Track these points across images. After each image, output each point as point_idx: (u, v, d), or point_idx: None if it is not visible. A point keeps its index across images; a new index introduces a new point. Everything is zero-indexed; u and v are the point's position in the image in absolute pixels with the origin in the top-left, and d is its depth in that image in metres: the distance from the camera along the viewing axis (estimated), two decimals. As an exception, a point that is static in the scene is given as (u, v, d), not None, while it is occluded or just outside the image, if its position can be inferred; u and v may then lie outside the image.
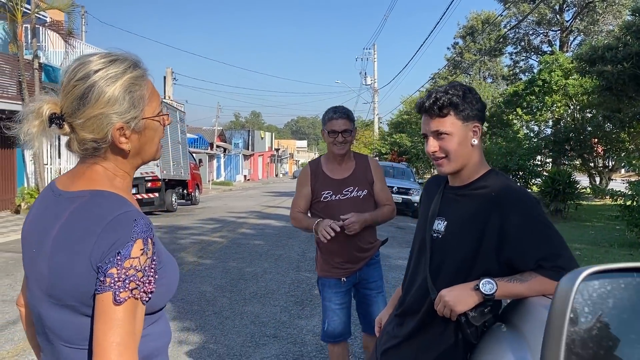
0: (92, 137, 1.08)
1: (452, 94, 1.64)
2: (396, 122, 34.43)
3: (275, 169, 63.67)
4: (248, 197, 23.37)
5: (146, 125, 1.15)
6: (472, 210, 1.63)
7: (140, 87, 1.13)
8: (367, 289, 3.03)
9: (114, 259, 0.99)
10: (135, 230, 1.02)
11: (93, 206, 1.06)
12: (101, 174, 1.13)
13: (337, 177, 2.96)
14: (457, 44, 41.06)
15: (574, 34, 31.17)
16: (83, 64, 1.10)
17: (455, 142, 1.64)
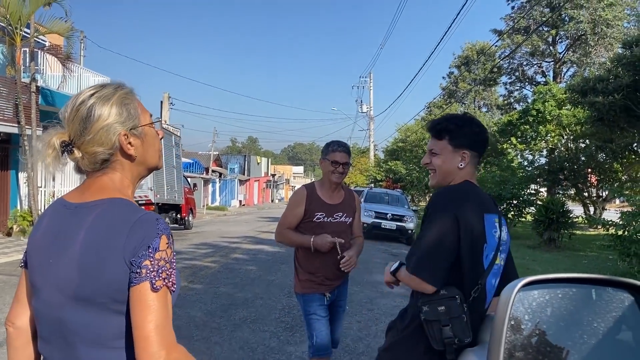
0: (103, 148, 1.24)
1: (451, 122, 1.99)
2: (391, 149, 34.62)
3: (271, 194, 63.64)
4: (242, 222, 23.31)
5: (146, 132, 1.33)
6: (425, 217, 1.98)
7: (132, 101, 1.31)
8: (338, 306, 3.31)
9: (146, 252, 1.14)
10: (159, 227, 1.18)
11: (116, 210, 1.20)
12: (110, 185, 1.27)
13: (331, 202, 3.23)
14: (452, 74, 41.64)
15: (567, 65, 31.71)
16: (78, 95, 1.28)
17: (441, 162, 2.00)
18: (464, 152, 1.97)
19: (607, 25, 27.39)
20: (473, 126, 2.00)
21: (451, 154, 1.98)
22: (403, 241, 16.14)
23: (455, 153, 1.98)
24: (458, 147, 1.97)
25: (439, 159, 2.01)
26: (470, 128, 1.99)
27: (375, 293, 7.69)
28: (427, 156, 2.06)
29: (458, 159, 1.98)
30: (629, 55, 13.96)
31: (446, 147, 1.99)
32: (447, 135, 1.99)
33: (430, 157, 2.04)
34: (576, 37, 29.52)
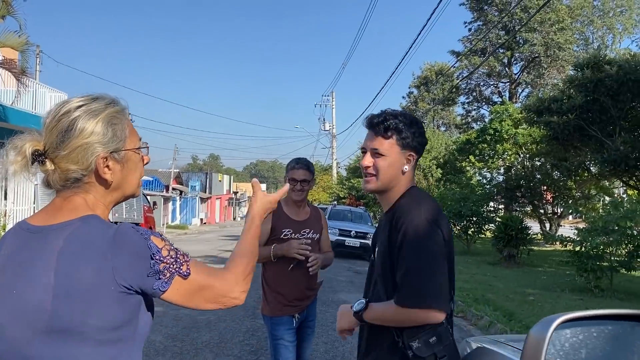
0: (77, 167, 1.14)
1: (400, 120, 1.76)
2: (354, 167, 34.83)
3: (233, 212, 62.86)
4: (204, 241, 22.86)
5: (128, 157, 1.22)
6: (386, 231, 1.74)
7: (121, 121, 1.21)
8: (307, 327, 3.26)
9: (154, 260, 1.09)
10: (141, 232, 1.11)
11: (89, 228, 1.10)
12: (82, 204, 1.16)
13: (297, 219, 3.22)
14: (412, 93, 42.45)
15: (522, 86, 32.85)
16: (65, 102, 1.18)
17: (387, 164, 1.76)
18: (411, 154, 1.78)
19: (559, 48, 28.60)
20: (419, 126, 1.81)
21: (398, 155, 1.77)
22: (366, 259, 16.12)
23: (402, 155, 1.77)
24: (405, 148, 1.77)
25: (384, 160, 1.76)
26: (417, 128, 1.79)
27: (340, 312, 7.60)
28: (369, 157, 1.79)
29: (403, 161, 1.78)
30: (581, 77, 14.55)
31: (393, 147, 1.76)
32: (396, 133, 1.75)
33: (374, 158, 1.78)
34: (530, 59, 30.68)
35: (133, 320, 1.10)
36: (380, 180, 1.78)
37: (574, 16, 29.70)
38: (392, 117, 1.76)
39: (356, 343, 1.94)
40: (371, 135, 1.80)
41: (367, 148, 1.81)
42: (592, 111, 14.61)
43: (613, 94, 13.98)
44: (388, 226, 1.72)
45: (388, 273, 1.66)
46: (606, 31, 33.01)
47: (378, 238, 1.84)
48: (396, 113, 1.79)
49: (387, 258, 1.67)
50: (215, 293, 1.18)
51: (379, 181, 1.78)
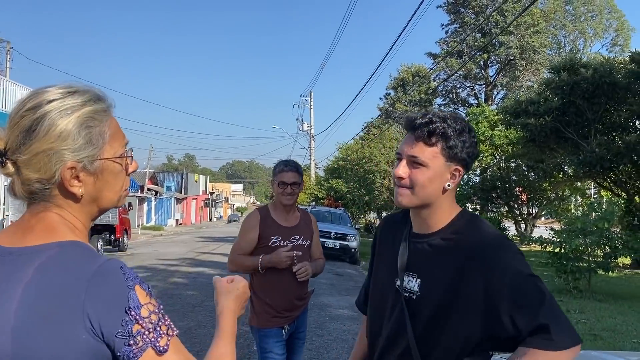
0: (38, 176, 0.94)
1: (448, 125, 1.41)
2: (332, 167, 34.78)
3: (209, 213, 62.26)
4: (180, 243, 22.52)
5: (104, 167, 1.00)
6: (449, 268, 1.41)
7: (100, 122, 0.99)
8: (297, 339, 3.12)
9: (129, 317, 0.87)
10: (127, 277, 0.90)
11: (67, 258, 0.91)
12: (60, 223, 0.96)
13: (286, 225, 3.05)
14: (389, 95, 42.62)
15: (498, 88, 33.30)
16: (36, 94, 0.97)
17: (427, 178, 1.42)
18: (457, 168, 1.44)
19: (533, 52, 29.07)
20: (472, 135, 1.46)
21: (442, 168, 1.42)
22: (346, 260, 16.07)
23: (446, 168, 1.43)
24: (452, 160, 1.42)
25: (424, 172, 1.42)
26: (469, 136, 1.44)
27: (323, 317, 7.48)
28: (404, 166, 1.44)
29: (447, 176, 1.43)
30: (558, 80, 14.76)
31: (437, 157, 1.42)
32: (442, 140, 1.41)
33: (410, 168, 1.44)
34: (506, 62, 31.09)
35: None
36: (415, 197, 1.44)
37: (548, 20, 30.24)
38: (440, 120, 1.42)
39: (339, 348, 1.75)
40: (410, 139, 1.45)
41: (403, 154, 1.46)
42: (568, 113, 14.84)
43: (588, 97, 14.23)
44: (447, 257, 1.42)
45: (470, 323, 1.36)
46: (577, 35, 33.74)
47: (414, 268, 1.48)
48: (445, 116, 1.45)
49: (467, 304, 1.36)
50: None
51: (414, 197, 1.44)
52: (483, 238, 1.41)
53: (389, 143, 27.74)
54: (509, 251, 1.38)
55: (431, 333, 1.40)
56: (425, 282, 1.44)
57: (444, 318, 1.39)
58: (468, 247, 1.40)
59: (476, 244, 1.40)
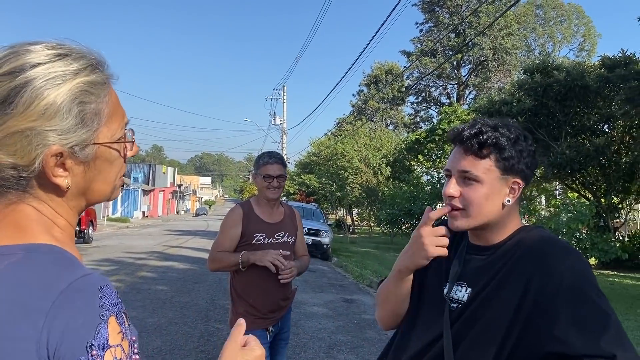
0: (12, 161, 0.72)
1: (501, 134, 1.28)
2: (305, 162, 34.65)
3: (177, 205, 61.28)
4: (147, 236, 22.00)
5: (98, 153, 0.79)
6: (501, 275, 1.27)
7: (98, 98, 0.78)
8: (281, 339, 2.99)
9: (87, 357, 0.65)
10: (103, 303, 0.69)
11: (32, 268, 0.70)
12: (34, 220, 0.76)
13: (270, 221, 2.90)
14: (362, 92, 42.68)
15: (470, 88, 33.70)
16: (17, 52, 0.74)
17: (483, 195, 1.27)
18: (516, 180, 1.30)
19: (506, 53, 29.50)
20: (529, 143, 1.33)
21: (498, 182, 1.28)
22: (318, 256, 15.92)
23: (503, 182, 1.29)
24: (508, 172, 1.29)
25: (479, 189, 1.28)
26: (526, 145, 1.31)
27: (298, 314, 7.32)
28: (454, 184, 1.31)
29: (505, 191, 1.29)
30: (531, 82, 14.93)
31: (492, 170, 1.28)
32: (496, 152, 1.28)
33: (462, 185, 1.30)
34: (478, 62, 31.48)
35: None
36: (472, 218, 1.29)
37: (521, 22, 30.73)
38: (491, 129, 1.29)
39: (316, 347, 1.53)
40: (459, 152, 1.31)
41: (452, 170, 1.32)
42: (540, 115, 15.05)
43: (560, 99, 14.45)
44: (505, 270, 1.28)
45: (512, 332, 1.22)
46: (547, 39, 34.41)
47: (467, 278, 1.35)
48: (496, 124, 1.31)
49: (512, 313, 1.22)
50: None
51: (471, 218, 1.29)
52: (547, 245, 1.26)
53: (362, 140, 27.75)
54: (573, 255, 1.23)
55: (471, 345, 1.26)
56: (475, 292, 1.30)
57: (487, 330, 1.24)
58: (524, 254, 1.26)
59: (534, 249, 1.26)
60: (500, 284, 1.26)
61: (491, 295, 1.27)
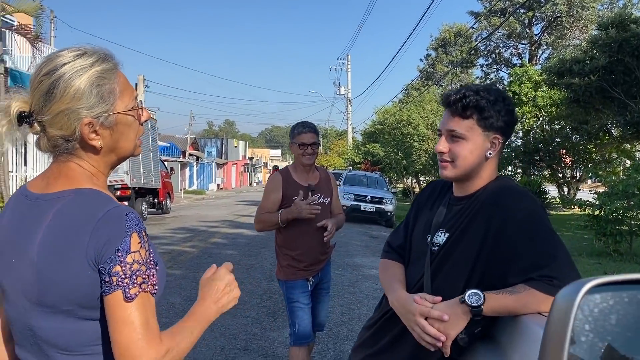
0: (61, 133, 1.06)
1: (481, 97, 1.51)
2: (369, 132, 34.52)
3: (249, 177, 63.21)
4: (221, 206, 23.09)
5: (118, 120, 1.11)
6: (470, 218, 1.52)
7: (110, 80, 1.09)
8: (321, 289, 3.27)
9: (115, 257, 0.98)
10: (128, 224, 1.01)
11: (80, 204, 1.04)
12: (79, 172, 1.09)
13: (307, 184, 3.17)
14: (430, 56, 41.57)
15: (543, 47, 31.96)
16: (50, 59, 1.07)
17: (467, 149, 1.52)
18: (496, 136, 1.53)
19: (582, 7, 27.63)
20: (506, 103, 1.55)
21: (480, 138, 1.52)
22: (382, 223, 16.17)
23: (485, 138, 1.53)
24: (489, 129, 1.52)
25: (464, 145, 1.52)
26: (504, 105, 1.53)
27: (356, 276, 7.67)
28: (444, 142, 1.56)
29: (487, 145, 1.53)
30: (605, 37, 14.09)
31: (474, 128, 1.52)
32: (477, 112, 1.51)
33: (450, 142, 1.55)
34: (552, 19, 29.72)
35: None
36: (458, 168, 1.54)
37: (599, -28, 28.56)
38: (473, 94, 1.51)
39: (370, 304, 1.84)
40: (447, 115, 1.56)
41: (442, 130, 1.58)
42: (615, 72, 14.21)
43: (638, 54, 13.54)
44: (473, 214, 1.52)
45: (477, 263, 1.45)
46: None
47: (446, 225, 1.59)
48: (478, 88, 1.54)
49: (477, 247, 1.46)
50: (135, 343, 0.97)
51: (457, 169, 1.54)
52: (505, 189, 1.52)
53: (429, 106, 27.24)
54: (527, 198, 1.48)
55: (445, 277, 1.52)
56: (450, 235, 1.55)
57: (457, 265, 1.50)
58: (490, 197, 1.51)
59: (498, 194, 1.51)
60: (468, 226, 1.52)
61: (460, 236, 1.53)
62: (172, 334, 1.06)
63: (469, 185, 1.59)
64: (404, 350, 1.55)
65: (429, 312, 1.41)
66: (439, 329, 1.38)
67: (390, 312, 1.61)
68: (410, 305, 1.47)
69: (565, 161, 22.30)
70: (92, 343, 1.04)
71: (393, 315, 1.59)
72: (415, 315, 1.43)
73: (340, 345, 4.62)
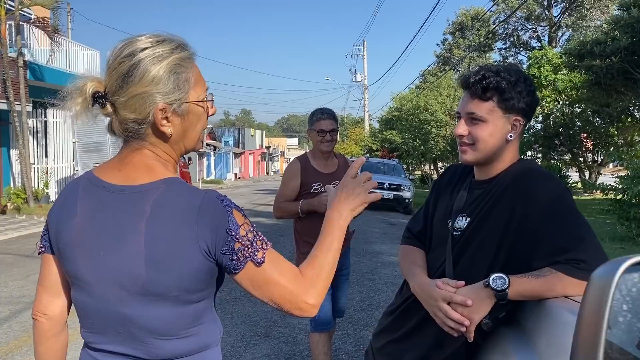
0: (134, 116, 1.06)
1: (502, 78, 1.46)
2: (387, 118, 34.30)
3: (266, 166, 63.43)
4: (239, 195, 23.21)
5: (190, 109, 1.12)
6: (492, 202, 1.48)
7: (186, 69, 1.10)
8: (341, 276, 3.25)
9: (230, 237, 1.03)
10: (224, 204, 1.06)
11: (176, 195, 1.06)
12: (155, 161, 1.11)
13: (326, 172, 3.15)
14: (447, 40, 41.08)
15: (562, 29, 31.34)
16: (130, 42, 1.08)
17: (487, 132, 1.48)
18: (517, 118, 1.49)
19: (603, -13, 26.94)
20: (528, 84, 1.49)
21: (501, 120, 1.48)
22: (400, 210, 16.13)
23: (506, 120, 1.48)
24: (510, 111, 1.48)
25: (484, 128, 1.48)
26: (525, 86, 1.48)
27: (375, 263, 7.67)
28: (463, 124, 1.51)
29: (508, 128, 1.49)
30: (627, 17, 13.73)
31: (494, 111, 1.47)
32: (497, 94, 1.46)
33: (469, 125, 1.50)
34: (572, 0, 29.07)
35: (212, 282, 1.12)
36: (479, 152, 1.50)
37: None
38: (492, 74, 1.46)
39: (390, 291, 1.81)
40: (467, 97, 1.52)
41: (461, 113, 1.53)
42: (638, 53, 13.85)
43: (662, 34, 13.20)
44: (496, 197, 1.47)
45: (501, 247, 1.42)
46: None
47: (467, 209, 1.55)
48: (498, 69, 1.49)
49: (500, 231, 1.42)
50: (285, 292, 1.07)
51: (477, 152, 1.50)
52: (529, 172, 1.47)
53: (446, 91, 26.96)
54: (552, 181, 1.43)
55: (467, 262, 1.49)
56: (472, 220, 1.52)
57: (480, 249, 1.47)
58: (513, 180, 1.46)
59: (521, 178, 1.46)
60: (490, 210, 1.48)
61: (483, 220, 1.49)
62: (310, 262, 1.13)
63: (491, 169, 1.55)
64: (427, 336, 1.53)
65: (451, 296, 1.39)
66: (462, 313, 1.36)
67: (412, 298, 1.60)
68: (432, 291, 1.45)
69: (586, 145, 21.94)
70: (191, 325, 1.09)
71: (415, 301, 1.57)
72: (437, 300, 1.41)
73: (360, 332, 4.63)
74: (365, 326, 4.81)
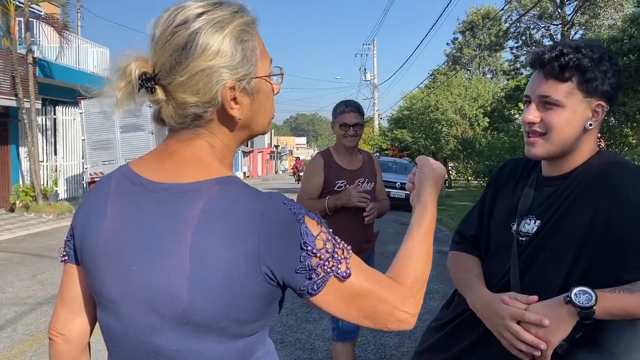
0: (196, 99, 0.83)
1: (584, 55, 1.22)
2: (396, 117, 34.06)
3: (274, 165, 63.36)
4: (247, 194, 23.11)
5: (260, 86, 0.90)
6: (569, 202, 1.25)
7: (252, 36, 0.88)
8: None
9: (306, 252, 0.81)
10: (294, 211, 0.83)
11: (232, 198, 0.83)
12: (209, 154, 0.88)
13: (350, 168, 2.97)
14: (457, 40, 40.74)
15: (575, 28, 30.95)
16: (181, 7, 0.85)
17: (564, 119, 1.23)
18: (600, 103, 1.25)
19: (618, -15, 26.57)
20: (613, 62, 1.25)
21: (580, 105, 1.23)
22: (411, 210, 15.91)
23: (587, 105, 1.24)
24: (592, 94, 1.23)
25: (560, 114, 1.23)
26: (611, 65, 1.24)
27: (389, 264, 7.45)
28: (534, 109, 1.26)
29: (588, 114, 1.24)
30: (646, 14, 13.44)
31: (573, 93, 1.23)
32: (578, 74, 1.22)
33: (542, 111, 1.26)
34: (585, -2, 28.68)
35: (271, 309, 0.88)
36: (551, 144, 1.26)
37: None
38: (572, 51, 1.22)
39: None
40: (539, 77, 1.27)
41: (532, 96, 1.28)
42: (657, 51, 13.56)
43: (682, 31, 12.89)
44: (574, 197, 1.25)
45: (581, 256, 1.21)
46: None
47: (536, 211, 1.32)
48: (578, 45, 1.24)
49: (580, 237, 1.20)
50: (380, 303, 0.86)
51: (549, 144, 1.26)
52: (617, 167, 1.24)
53: (457, 90, 26.69)
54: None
55: (537, 274, 1.27)
56: (544, 224, 1.29)
57: (553, 259, 1.24)
58: (596, 176, 1.24)
59: (606, 172, 1.23)
60: (567, 212, 1.25)
61: (558, 225, 1.26)
62: (400, 264, 0.94)
63: (565, 163, 1.31)
64: (487, 358, 1.33)
65: (522, 315, 1.18)
66: (536, 334, 1.15)
67: (467, 314, 1.39)
68: (497, 307, 1.24)
69: (600, 145, 21.62)
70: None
71: (470, 317, 1.37)
72: (504, 318, 1.21)
73: (381, 339, 4.43)
74: (385, 333, 4.61)
